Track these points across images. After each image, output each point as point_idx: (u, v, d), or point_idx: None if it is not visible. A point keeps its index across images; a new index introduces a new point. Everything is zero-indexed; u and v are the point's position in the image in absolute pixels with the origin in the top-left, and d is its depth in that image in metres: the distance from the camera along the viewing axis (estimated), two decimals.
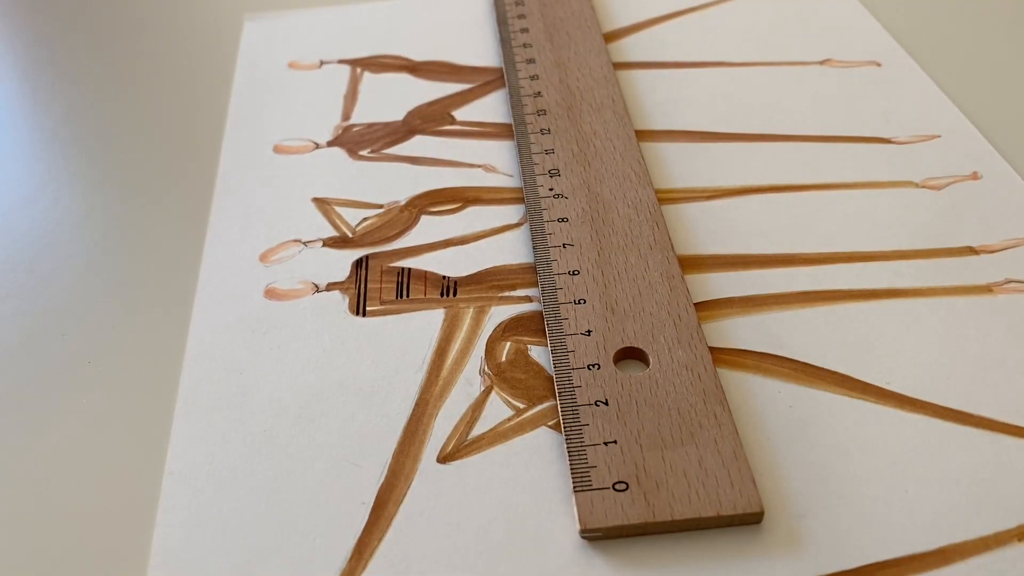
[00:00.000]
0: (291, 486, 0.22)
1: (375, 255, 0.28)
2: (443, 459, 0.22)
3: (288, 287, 0.27)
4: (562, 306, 0.25)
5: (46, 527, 0.21)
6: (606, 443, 0.21)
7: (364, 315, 0.26)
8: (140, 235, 0.29)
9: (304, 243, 0.28)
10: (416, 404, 0.23)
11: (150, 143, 0.33)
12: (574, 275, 0.25)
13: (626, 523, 0.20)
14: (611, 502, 0.20)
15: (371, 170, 0.31)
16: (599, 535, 0.20)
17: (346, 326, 0.25)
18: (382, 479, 0.22)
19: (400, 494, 0.21)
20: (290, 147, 0.32)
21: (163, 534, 0.21)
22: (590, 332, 0.24)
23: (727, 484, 0.20)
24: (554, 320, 0.24)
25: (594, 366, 0.23)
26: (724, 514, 0.20)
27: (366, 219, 0.29)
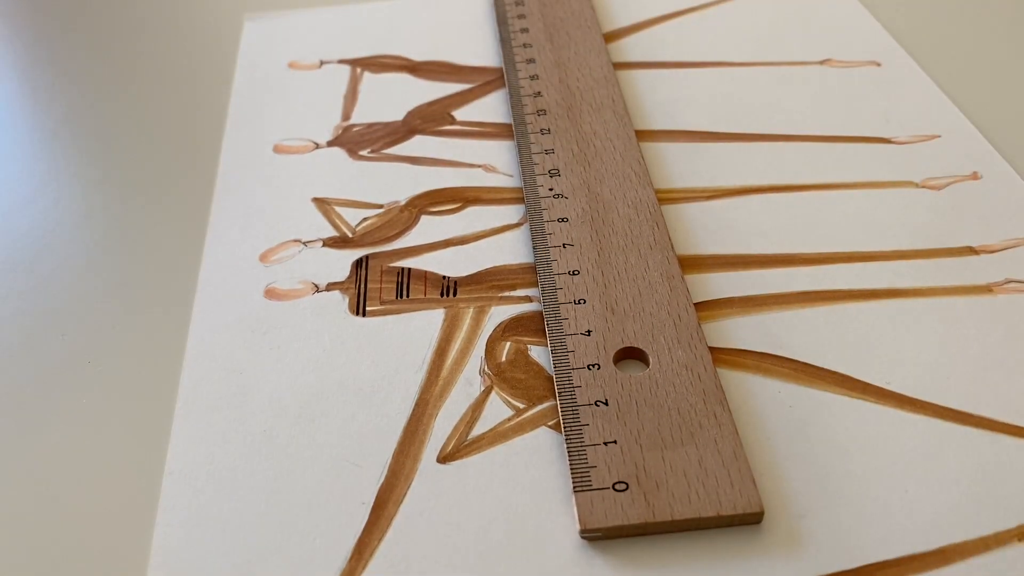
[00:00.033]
0: (291, 486, 0.22)
1: (375, 255, 0.28)
2: (443, 459, 0.22)
3: (288, 287, 0.27)
4: (562, 306, 0.25)
5: (46, 527, 0.21)
6: (606, 443, 0.21)
7: (364, 315, 0.26)
8: (140, 235, 0.29)
9: (304, 243, 0.28)
10: (416, 404, 0.23)
11: (150, 143, 0.33)
12: (574, 275, 0.25)
13: (626, 523, 0.20)
14: (611, 502, 0.20)
15: (371, 170, 0.31)
16: (599, 535, 0.20)
17: (346, 326, 0.25)
18: (382, 479, 0.22)
19: (400, 494, 0.21)
20: (290, 147, 0.32)
21: (163, 534, 0.21)
22: (590, 332, 0.24)
23: (727, 484, 0.20)
24: (554, 320, 0.24)
25: (594, 366, 0.23)
26: (724, 514, 0.20)
27: (366, 219, 0.29)
